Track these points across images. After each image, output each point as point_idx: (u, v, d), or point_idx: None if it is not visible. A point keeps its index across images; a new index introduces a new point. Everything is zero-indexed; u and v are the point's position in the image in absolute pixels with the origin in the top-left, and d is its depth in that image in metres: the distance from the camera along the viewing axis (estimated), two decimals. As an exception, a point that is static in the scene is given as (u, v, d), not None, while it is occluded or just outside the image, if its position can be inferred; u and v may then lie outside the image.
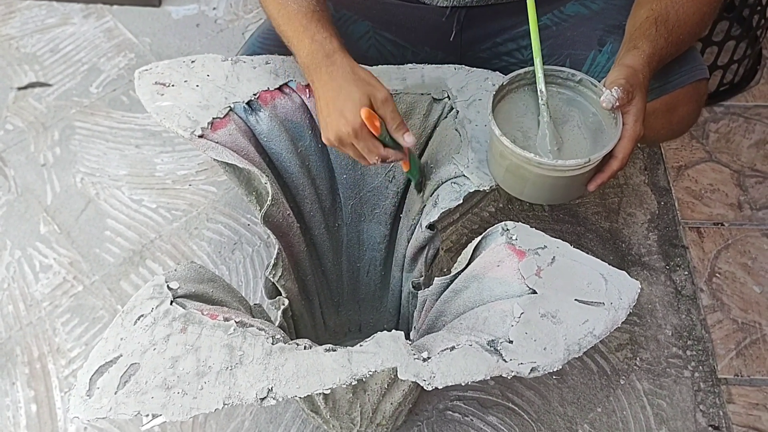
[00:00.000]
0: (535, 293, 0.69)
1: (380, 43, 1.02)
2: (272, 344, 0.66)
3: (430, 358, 0.65)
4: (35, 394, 1.13)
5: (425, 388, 0.63)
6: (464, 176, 0.83)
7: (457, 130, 0.86)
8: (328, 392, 0.64)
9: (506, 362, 0.64)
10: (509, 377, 0.64)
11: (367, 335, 0.69)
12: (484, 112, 0.88)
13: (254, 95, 0.87)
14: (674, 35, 0.82)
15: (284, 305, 0.85)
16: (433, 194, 0.86)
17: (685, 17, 0.83)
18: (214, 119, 0.84)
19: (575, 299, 0.68)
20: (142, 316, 0.68)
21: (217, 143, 0.82)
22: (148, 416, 0.61)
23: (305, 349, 0.66)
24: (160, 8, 1.73)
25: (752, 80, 1.53)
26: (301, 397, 0.64)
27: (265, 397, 0.63)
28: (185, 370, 0.64)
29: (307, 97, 0.89)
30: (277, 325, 0.82)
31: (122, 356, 0.65)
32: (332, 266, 1.04)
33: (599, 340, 0.66)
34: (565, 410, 1.09)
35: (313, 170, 0.94)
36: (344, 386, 0.64)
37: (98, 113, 1.50)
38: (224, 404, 0.62)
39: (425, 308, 0.85)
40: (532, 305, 0.68)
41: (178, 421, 0.72)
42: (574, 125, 0.80)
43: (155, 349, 0.65)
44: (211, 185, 1.39)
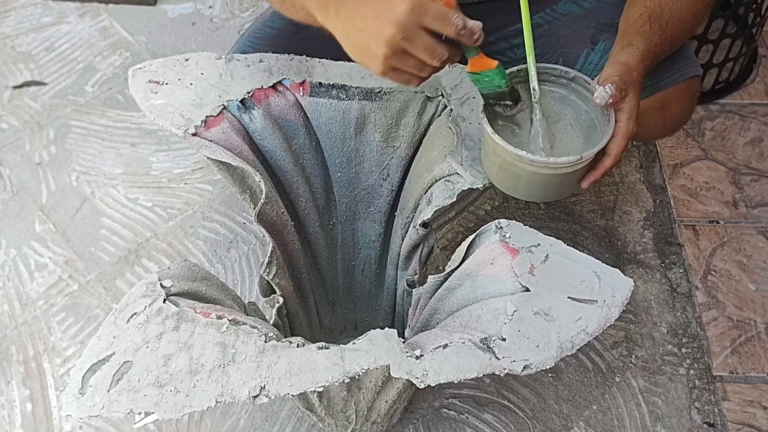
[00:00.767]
0: (528, 291, 0.69)
1: None
2: (265, 342, 0.66)
3: (422, 355, 0.65)
4: (30, 393, 1.12)
5: (418, 385, 0.63)
6: (458, 174, 0.83)
7: (450, 128, 0.86)
8: (321, 390, 0.64)
9: (499, 360, 0.64)
10: (502, 375, 0.64)
11: (362, 333, 0.68)
12: (477, 110, 0.88)
13: (248, 93, 0.87)
14: (668, 32, 0.82)
15: (279, 303, 0.85)
16: (426, 192, 0.86)
17: (678, 14, 0.83)
18: (207, 117, 0.84)
19: (568, 297, 0.68)
20: (135, 314, 0.68)
21: (210, 141, 0.82)
22: (140, 414, 0.61)
23: (298, 346, 0.66)
24: (155, 7, 1.73)
25: (748, 78, 1.53)
26: (293, 394, 0.64)
27: (257, 394, 0.63)
28: (178, 368, 0.64)
29: (300, 95, 0.89)
30: (271, 323, 0.82)
31: (115, 354, 0.65)
32: (327, 264, 1.04)
33: (592, 337, 0.66)
34: (560, 408, 1.09)
35: (307, 168, 0.94)
36: (337, 384, 0.64)
37: (94, 112, 1.50)
38: (217, 402, 0.62)
39: (419, 306, 0.85)
40: (525, 303, 0.68)
41: (171, 419, 0.72)
42: (566, 123, 0.80)
43: (148, 347, 0.65)
44: (206, 184, 1.39)
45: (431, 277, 0.80)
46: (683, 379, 1.12)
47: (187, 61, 0.90)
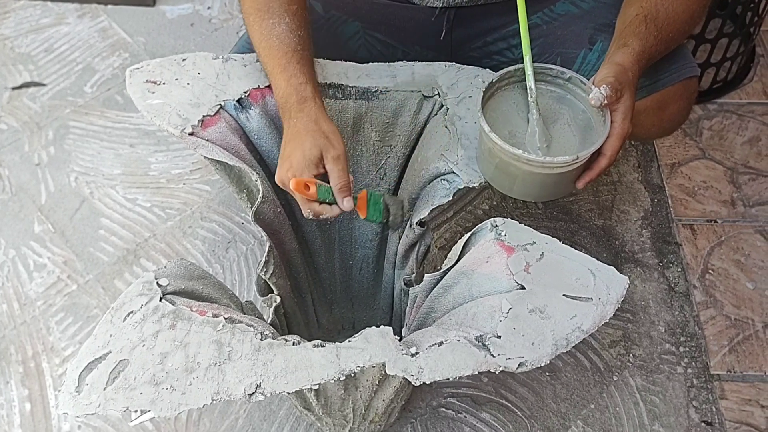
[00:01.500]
0: (523, 289, 0.69)
1: (370, 43, 1.02)
2: (261, 340, 0.67)
3: (418, 353, 0.65)
4: (29, 392, 1.13)
5: (413, 383, 0.63)
6: (454, 173, 0.83)
7: (447, 127, 0.87)
8: (317, 388, 0.65)
9: (494, 357, 0.64)
10: (497, 372, 0.64)
11: (360, 333, 0.69)
12: (474, 109, 0.88)
13: (245, 93, 0.87)
14: (664, 33, 0.82)
15: (276, 302, 0.85)
16: (423, 191, 0.86)
17: (674, 15, 0.83)
18: (204, 117, 0.84)
19: (563, 294, 0.68)
20: (131, 312, 0.68)
21: (207, 141, 0.83)
22: (136, 412, 0.62)
23: (294, 344, 0.66)
24: (154, 8, 1.73)
25: (745, 78, 1.53)
26: (289, 392, 0.64)
27: (253, 392, 0.63)
28: (174, 366, 0.64)
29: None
30: (269, 322, 0.82)
31: (111, 352, 0.65)
32: (325, 263, 1.05)
33: (587, 335, 0.67)
34: (558, 407, 1.10)
35: (304, 168, 0.94)
36: (333, 381, 0.64)
37: (92, 113, 1.51)
38: (212, 400, 0.62)
39: (416, 305, 0.85)
40: (520, 300, 0.68)
41: (168, 417, 0.72)
42: (563, 123, 0.80)
43: (144, 345, 0.65)
44: (205, 184, 1.39)
45: (427, 275, 0.80)
46: (681, 377, 1.12)
47: (184, 61, 0.90)
